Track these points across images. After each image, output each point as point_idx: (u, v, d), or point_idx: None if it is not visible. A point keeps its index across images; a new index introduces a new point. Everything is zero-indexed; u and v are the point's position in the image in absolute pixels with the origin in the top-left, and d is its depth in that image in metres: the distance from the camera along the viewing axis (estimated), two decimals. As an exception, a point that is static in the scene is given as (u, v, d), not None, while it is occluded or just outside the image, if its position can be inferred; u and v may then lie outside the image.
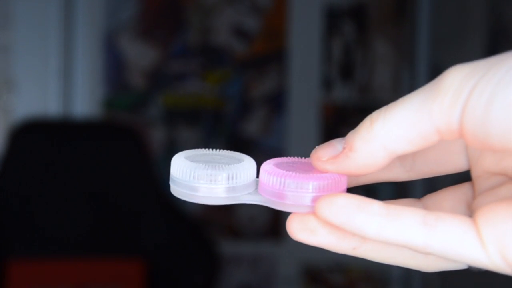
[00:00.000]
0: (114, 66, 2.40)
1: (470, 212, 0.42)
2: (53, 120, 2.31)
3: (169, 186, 0.44)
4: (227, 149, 0.45)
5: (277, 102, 2.45)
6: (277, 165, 0.43)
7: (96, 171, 2.05)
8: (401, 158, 0.44)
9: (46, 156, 2.05)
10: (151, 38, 2.41)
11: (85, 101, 2.38)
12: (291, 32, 2.45)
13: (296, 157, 0.44)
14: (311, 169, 0.42)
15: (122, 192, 2.05)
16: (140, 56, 2.41)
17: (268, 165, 0.43)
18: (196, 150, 0.44)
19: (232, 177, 0.42)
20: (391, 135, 0.38)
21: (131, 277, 2.00)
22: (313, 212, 0.41)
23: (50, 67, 2.35)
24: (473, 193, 0.43)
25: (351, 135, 0.40)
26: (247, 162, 0.43)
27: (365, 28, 2.50)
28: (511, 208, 0.37)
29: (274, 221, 2.46)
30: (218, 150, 0.45)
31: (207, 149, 0.44)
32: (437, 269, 0.43)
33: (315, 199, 0.41)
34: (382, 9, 2.51)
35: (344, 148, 0.40)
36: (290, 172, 0.41)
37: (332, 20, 2.48)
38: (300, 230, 0.42)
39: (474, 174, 0.43)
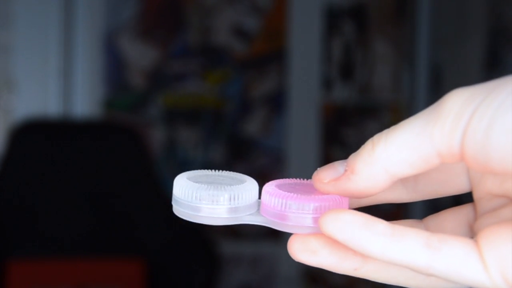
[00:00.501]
0: (114, 66, 2.41)
1: (472, 233, 0.43)
2: (53, 120, 2.31)
3: (169, 187, 0.44)
4: (227, 149, 0.45)
5: (277, 102, 2.45)
6: (279, 186, 0.43)
7: (96, 171, 2.05)
8: (404, 180, 0.44)
9: (46, 156, 2.06)
10: (151, 38, 2.42)
11: (85, 101, 2.38)
12: (291, 32, 2.45)
13: (298, 179, 0.44)
14: (312, 190, 0.42)
15: (122, 192, 2.05)
16: (140, 56, 2.41)
17: (270, 187, 0.43)
18: (199, 171, 0.44)
19: (234, 198, 0.42)
20: (392, 158, 0.39)
21: (131, 277, 2.00)
22: (314, 233, 0.41)
23: (50, 67, 2.35)
24: (474, 215, 0.43)
25: (353, 157, 0.40)
26: (249, 183, 0.43)
27: (365, 28, 2.50)
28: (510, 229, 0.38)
29: (274, 221, 2.46)
30: (220, 171, 0.45)
31: (209, 170, 0.45)
32: None
33: (316, 220, 0.41)
34: (382, 9, 2.51)
35: (345, 170, 0.40)
36: (292, 194, 0.41)
37: (332, 20, 2.48)
38: (302, 251, 0.42)
39: (476, 195, 0.43)
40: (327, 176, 0.41)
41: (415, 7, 2.50)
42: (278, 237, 2.46)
